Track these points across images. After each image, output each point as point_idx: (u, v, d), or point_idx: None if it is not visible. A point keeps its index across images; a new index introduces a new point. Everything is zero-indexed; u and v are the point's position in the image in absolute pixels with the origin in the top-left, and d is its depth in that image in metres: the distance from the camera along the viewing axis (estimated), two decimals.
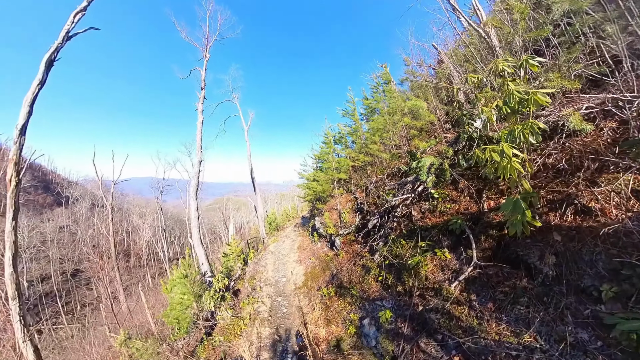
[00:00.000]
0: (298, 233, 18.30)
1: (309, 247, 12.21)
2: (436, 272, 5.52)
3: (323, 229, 10.92)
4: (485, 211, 5.70)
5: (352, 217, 9.89)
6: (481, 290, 4.80)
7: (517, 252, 4.58)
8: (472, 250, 5.18)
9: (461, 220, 5.61)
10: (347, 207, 10.71)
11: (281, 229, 22.90)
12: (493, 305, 4.44)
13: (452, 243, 5.78)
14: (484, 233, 5.36)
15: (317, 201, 12.72)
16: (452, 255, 5.56)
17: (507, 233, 4.24)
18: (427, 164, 6.25)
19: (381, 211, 7.51)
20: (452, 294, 4.92)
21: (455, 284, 5.04)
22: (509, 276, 4.57)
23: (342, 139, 11.81)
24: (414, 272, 5.63)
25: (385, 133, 10.92)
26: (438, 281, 5.32)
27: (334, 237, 9.58)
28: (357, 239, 8.81)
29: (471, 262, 5.06)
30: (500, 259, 4.84)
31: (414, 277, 5.61)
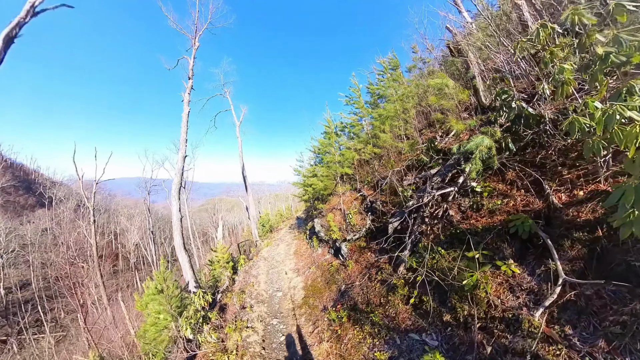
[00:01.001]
0: (293, 235, 16.44)
1: (307, 253, 10.40)
2: (503, 293, 3.81)
3: (325, 233, 9.13)
4: (558, 207, 4.06)
5: (360, 218, 8.13)
6: (579, 320, 3.16)
7: (626, 261, 2.99)
8: (554, 261, 3.51)
9: (531, 221, 3.94)
10: (353, 206, 8.95)
11: (275, 230, 20.98)
12: (606, 343, 2.80)
13: (517, 252, 4.10)
14: (566, 237, 3.70)
15: (316, 200, 10.93)
16: (522, 269, 3.88)
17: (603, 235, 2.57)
18: (483, 143, 4.54)
19: (405, 211, 5.78)
20: (538, 328, 3.23)
21: (539, 313, 3.35)
22: (618, 297, 2.94)
23: (346, 128, 10.10)
24: (470, 294, 3.92)
25: (396, 122, 9.23)
26: (509, 308, 3.62)
27: (340, 242, 7.81)
28: (370, 246, 7.06)
29: (556, 279, 3.40)
30: (599, 273, 3.22)
31: (470, 301, 3.89)
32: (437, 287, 4.40)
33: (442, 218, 5.34)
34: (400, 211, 6.17)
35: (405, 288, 4.99)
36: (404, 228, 5.87)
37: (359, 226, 7.79)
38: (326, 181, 8.68)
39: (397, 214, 6.17)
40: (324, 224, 9.38)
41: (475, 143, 4.67)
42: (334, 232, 7.75)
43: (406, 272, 5.32)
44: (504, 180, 5.33)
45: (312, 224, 11.38)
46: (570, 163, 4.72)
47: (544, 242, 3.81)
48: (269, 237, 18.16)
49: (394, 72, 10.61)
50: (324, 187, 8.62)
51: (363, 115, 9.38)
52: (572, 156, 4.78)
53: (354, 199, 9.16)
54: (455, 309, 4.07)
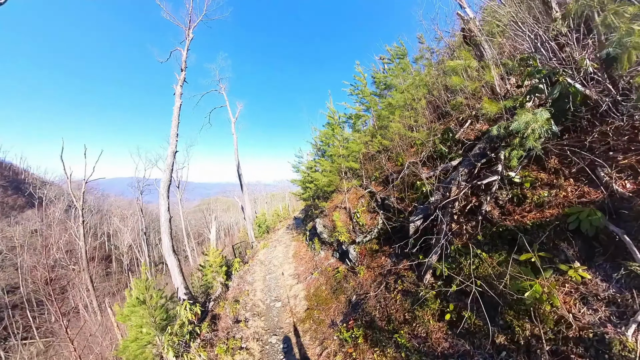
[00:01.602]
0: (291, 236, 15.36)
1: (307, 256, 9.36)
2: (574, 306, 2.85)
3: (328, 234, 8.10)
4: (626, 196, 3.15)
5: (369, 218, 7.12)
6: None
7: None
8: (636, 262, 2.58)
9: (599, 213, 2.99)
10: (360, 205, 7.93)
11: (272, 231, 19.87)
12: None
13: (581, 252, 3.14)
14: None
15: (317, 199, 9.90)
16: (592, 274, 2.93)
17: None
18: (541, 118, 3.57)
19: (430, 206, 4.78)
20: (635, 351, 2.28)
21: (632, 330, 2.42)
22: None
23: (350, 120, 9.09)
24: (532, 309, 2.93)
25: (407, 112, 8.26)
26: (588, 325, 2.65)
27: (347, 245, 6.78)
28: (384, 249, 6.05)
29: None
30: None
31: (533, 317, 2.91)
32: (481, 299, 3.40)
33: (476, 214, 4.36)
34: (423, 207, 5.16)
35: (436, 301, 3.98)
36: (429, 227, 4.86)
37: (368, 227, 6.77)
38: (330, 176, 7.64)
39: (420, 211, 5.15)
40: (326, 224, 8.34)
41: (524, 121, 3.68)
42: (341, 234, 6.72)
43: (434, 280, 4.31)
44: (545, 169, 4.40)
45: (312, 225, 10.33)
46: (625, 147, 3.81)
47: (614, 239, 2.88)
48: (266, 238, 17.05)
49: (401, 60, 9.64)
50: (328, 182, 7.58)
51: (369, 105, 8.40)
52: (624, 139, 3.88)
53: (360, 197, 8.14)
54: (512, 328, 3.07)
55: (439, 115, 9.14)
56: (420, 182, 5.80)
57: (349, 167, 7.69)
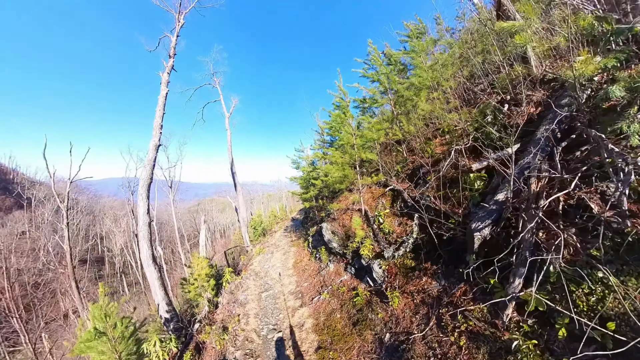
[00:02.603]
0: (290, 240, 13.59)
1: (311, 268, 7.63)
2: None
3: (339, 243, 6.39)
4: None
5: (397, 223, 5.43)
6: None
7: None
8: None
9: None
10: (379, 206, 6.24)
11: (269, 233, 18.06)
12: None
13: None
14: None
15: (322, 199, 8.18)
16: None
17: None
18: None
19: (502, 208, 3.12)
20: None
21: None
22: None
23: (365, 102, 7.39)
24: None
25: (434, 93, 6.64)
26: None
27: (370, 260, 5.08)
28: (423, 266, 4.37)
29: None
30: None
31: None
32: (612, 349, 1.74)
33: (575, 217, 2.71)
34: (490, 209, 3.47)
35: (535, 351, 2.31)
36: (496, 237, 3.19)
37: (397, 235, 5.07)
38: (347, 170, 5.88)
39: (485, 214, 3.47)
40: (336, 230, 6.63)
41: None
42: (363, 247, 5.00)
43: (520, 317, 2.65)
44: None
45: (316, 229, 8.60)
46: None
47: None
48: (262, 242, 15.24)
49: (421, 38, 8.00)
50: (341, 177, 5.80)
51: (387, 86, 6.75)
52: None
53: (379, 196, 6.45)
54: None
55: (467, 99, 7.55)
56: (473, 175, 4.14)
57: (364, 159, 5.99)
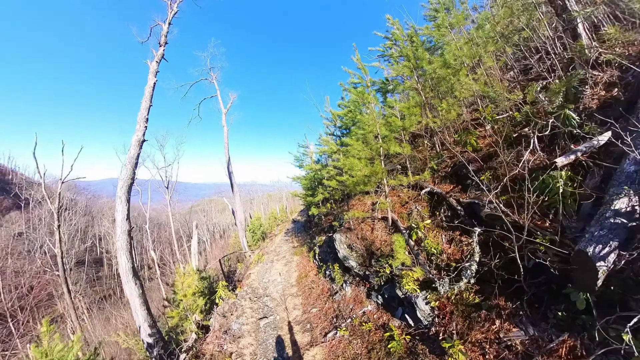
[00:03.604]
0: (292, 246, 12.04)
1: (320, 287, 6.10)
2: None
3: (358, 262, 4.85)
4: None
5: (445, 240, 3.91)
6: None
7: None
8: None
9: None
10: (415, 215, 4.72)
11: (268, 236, 16.51)
12: None
13: None
14: None
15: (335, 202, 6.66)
16: None
17: None
18: None
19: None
20: None
21: None
22: None
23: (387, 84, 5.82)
24: None
25: (475, 74, 5.14)
26: None
27: (411, 293, 3.55)
28: (497, 302, 2.88)
29: None
30: None
31: None
32: None
33: None
34: (613, 226, 1.99)
35: None
36: (635, 266, 1.70)
37: (449, 256, 3.55)
38: (376, 166, 4.28)
39: (608, 233, 1.99)
40: (355, 245, 5.09)
41: None
42: (407, 279, 3.42)
43: None
44: None
45: (324, 240, 7.06)
46: None
47: None
48: (261, 247, 13.67)
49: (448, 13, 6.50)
50: (369, 175, 4.15)
51: (414, 64, 5.25)
52: None
53: (410, 201, 4.94)
54: None
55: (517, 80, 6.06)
56: (562, 173, 2.64)
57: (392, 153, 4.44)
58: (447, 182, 4.72)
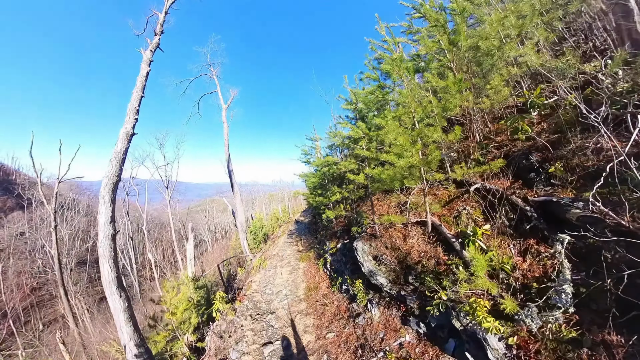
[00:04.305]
0: (296, 250, 10.91)
1: (332, 302, 5.00)
2: None
3: (389, 279, 3.73)
4: None
5: (514, 252, 2.80)
6: None
7: None
8: None
9: None
10: (464, 219, 3.61)
11: (271, 238, 15.38)
12: None
13: None
14: None
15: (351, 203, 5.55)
16: None
17: None
18: None
19: None
20: None
21: None
22: None
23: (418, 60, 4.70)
24: None
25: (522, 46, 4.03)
26: None
27: (481, 329, 2.45)
28: (600, 340, 1.80)
29: None
30: None
31: None
32: None
33: None
34: None
35: None
36: None
37: (524, 274, 2.45)
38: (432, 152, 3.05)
39: None
40: (383, 256, 3.96)
41: None
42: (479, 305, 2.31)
43: None
44: None
45: (337, 247, 5.94)
46: None
47: None
48: (263, 251, 12.55)
49: None
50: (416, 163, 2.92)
51: (449, 39, 4.17)
52: None
53: (452, 200, 3.83)
54: None
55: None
56: None
57: (435, 139, 3.33)
58: (500, 177, 3.64)
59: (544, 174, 3.52)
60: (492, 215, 3.29)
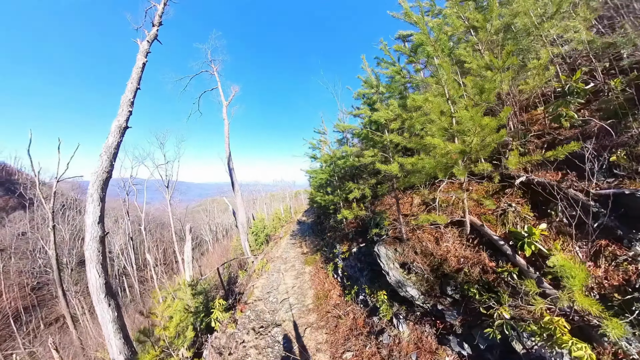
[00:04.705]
0: (300, 252, 10.22)
1: (347, 314, 4.32)
2: None
3: (421, 289, 3.02)
4: None
5: (580, 256, 2.12)
6: None
7: None
8: None
9: None
10: (513, 219, 2.93)
11: (273, 239, 14.70)
12: None
13: None
14: None
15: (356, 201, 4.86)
16: None
17: None
18: None
19: None
20: None
21: None
22: None
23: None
24: None
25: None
26: None
27: (554, 354, 1.78)
28: None
29: None
30: None
31: None
32: None
33: None
34: None
35: None
36: None
37: (598, 281, 1.78)
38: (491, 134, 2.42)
39: None
40: (413, 263, 3.27)
41: None
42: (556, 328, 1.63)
43: None
44: None
45: (350, 250, 5.26)
46: None
47: None
48: (265, 253, 11.87)
49: None
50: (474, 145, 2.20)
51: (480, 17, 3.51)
52: None
53: (491, 196, 3.14)
54: None
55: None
56: None
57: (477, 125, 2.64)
58: (547, 169, 2.98)
59: (604, 163, 2.87)
60: (547, 213, 2.61)
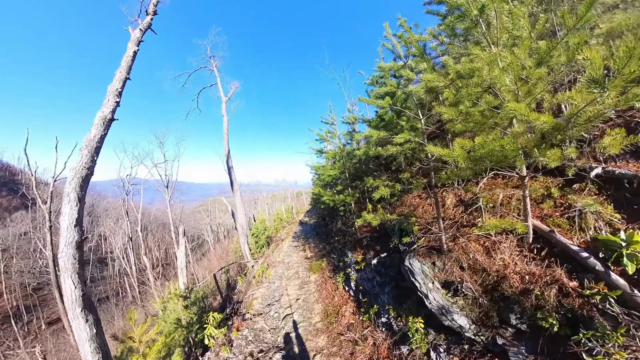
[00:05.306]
0: (304, 256, 9.37)
1: (365, 339, 3.48)
2: None
3: (473, 318, 2.20)
4: None
5: None
6: None
7: None
8: None
9: None
10: (588, 219, 2.08)
11: (274, 240, 13.86)
12: None
13: None
14: None
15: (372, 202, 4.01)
16: None
17: None
18: None
19: None
20: None
21: None
22: None
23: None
24: None
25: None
26: None
27: None
28: None
29: None
30: None
31: None
32: None
33: None
34: None
35: None
36: None
37: None
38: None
39: None
40: (465, 284, 2.41)
41: None
42: None
43: None
44: None
45: (365, 260, 4.40)
46: None
47: None
48: (266, 256, 11.01)
49: None
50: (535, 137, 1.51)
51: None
52: None
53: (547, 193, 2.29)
54: None
55: None
56: None
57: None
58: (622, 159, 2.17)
59: None
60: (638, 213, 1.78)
